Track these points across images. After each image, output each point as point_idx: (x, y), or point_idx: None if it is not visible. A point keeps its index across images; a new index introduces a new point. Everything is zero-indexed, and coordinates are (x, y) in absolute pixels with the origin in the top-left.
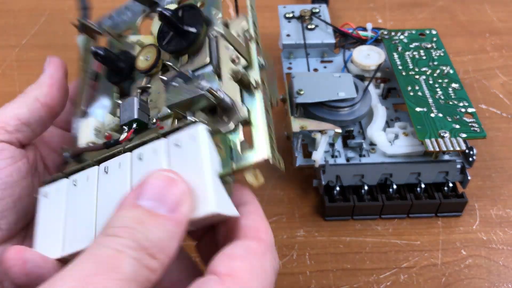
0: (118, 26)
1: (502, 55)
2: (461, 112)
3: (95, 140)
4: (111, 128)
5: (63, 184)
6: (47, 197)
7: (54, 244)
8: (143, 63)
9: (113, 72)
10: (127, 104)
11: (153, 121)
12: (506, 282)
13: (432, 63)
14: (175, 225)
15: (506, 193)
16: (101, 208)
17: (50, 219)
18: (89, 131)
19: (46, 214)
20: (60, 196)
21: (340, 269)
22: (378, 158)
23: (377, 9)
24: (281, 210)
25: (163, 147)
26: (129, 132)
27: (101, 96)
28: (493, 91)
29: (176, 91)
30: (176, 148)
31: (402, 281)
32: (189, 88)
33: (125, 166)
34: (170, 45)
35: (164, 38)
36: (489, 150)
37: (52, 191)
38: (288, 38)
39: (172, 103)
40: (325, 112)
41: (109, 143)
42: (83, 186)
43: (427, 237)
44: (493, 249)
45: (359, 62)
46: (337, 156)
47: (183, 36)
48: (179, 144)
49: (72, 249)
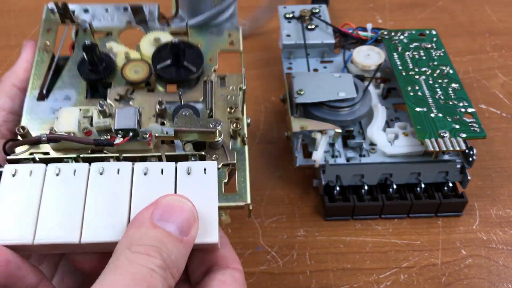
0: (96, 25)
1: (502, 55)
2: (461, 112)
3: (75, 131)
4: (98, 126)
5: (39, 169)
6: (15, 175)
7: (20, 228)
8: (132, 74)
9: (91, 69)
10: (127, 112)
11: (146, 135)
12: (506, 282)
13: (432, 63)
14: (186, 247)
15: (506, 193)
16: (90, 207)
17: (15, 200)
18: (72, 121)
19: (10, 194)
20: (35, 181)
21: (340, 268)
22: (378, 158)
23: (377, 9)
24: (281, 210)
25: (172, 171)
26: (124, 139)
27: (64, 85)
28: (493, 91)
29: (186, 120)
30: (186, 175)
31: (402, 281)
32: (202, 122)
33: (125, 175)
34: (165, 72)
35: (159, 62)
36: (489, 150)
37: (23, 172)
38: (288, 38)
39: (180, 129)
40: (325, 112)
41: (99, 142)
42: (69, 179)
43: (427, 237)
44: (493, 249)
45: (359, 62)
46: (337, 156)
47: (180, 69)
48: (190, 173)
49: (48, 240)
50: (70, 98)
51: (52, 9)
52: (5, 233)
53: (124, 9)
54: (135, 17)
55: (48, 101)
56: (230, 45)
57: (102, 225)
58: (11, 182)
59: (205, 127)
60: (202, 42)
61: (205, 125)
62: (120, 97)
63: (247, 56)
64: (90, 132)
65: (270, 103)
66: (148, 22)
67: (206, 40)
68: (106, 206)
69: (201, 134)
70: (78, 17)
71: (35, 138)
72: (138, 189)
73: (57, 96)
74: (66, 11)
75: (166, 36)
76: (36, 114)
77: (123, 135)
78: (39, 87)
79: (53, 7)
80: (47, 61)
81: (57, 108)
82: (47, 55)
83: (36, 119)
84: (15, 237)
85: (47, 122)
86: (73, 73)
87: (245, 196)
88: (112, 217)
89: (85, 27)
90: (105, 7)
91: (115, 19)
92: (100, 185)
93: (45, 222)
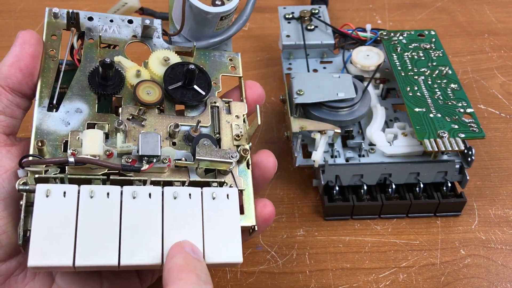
0: (103, 35)
1: (501, 55)
2: (460, 112)
3: (100, 154)
4: (122, 150)
5: (73, 190)
6: (49, 196)
7: (60, 249)
8: (145, 96)
9: (103, 84)
10: (151, 138)
11: (166, 160)
12: (504, 282)
13: (431, 64)
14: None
15: (504, 193)
16: (126, 230)
17: (52, 221)
18: (97, 143)
19: (46, 215)
20: (70, 202)
21: (339, 268)
22: (377, 158)
23: (376, 10)
24: (281, 210)
25: (198, 195)
26: (150, 165)
27: (74, 96)
28: (491, 91)
29: (207, 150)
30: (211, 199)
31: (401, 280)
32: (221, 153)
33: (156, 198)
34: (176, 93)
35: (171, 83)
36: (488, 150)
37: (57, 193)
38: (288, 38)
39: (202, 158)
40: (325, 112)
41: (127, 167)
42: (103, 201)
43: (426, 237)
44: (491, 248)
45: (359, 62)
46: (336, 156)
47: (189, 91)
48: (215, 197)
49: (88, 262)
50: (82, 111)
51: (56, 13)
52: (47, 255)
53: (128, 21)
54: (143, 32)
55: (59, 112)
56: (232, 69)
57: (139, 248)
58: (46, 203)
59: (224, 157)
60: (206, 65)
61: (224, 156)
62: (132, 117)
63: (247, 56)
64: (112, 154)
65: (269, 103)
66: (152, 38)
67: (209, 63)
68: (140, 229)
69: (219, 163)
70: (84, 25)
71: (62, 160)
72: (169, 213)
73: (68, 108)
74: (76, 20)
75: (174, 56)
76: (47, 126)
77: (148, 161)
78: (48, 97)
79: (56, 11)
80: (54, 68)
81: (68, 121)
82: (54, 62)
83: (47, 132)
84: (57, 259)
85: (60, 135)
86: (82, 84)
87: (251, 217)
88: (147, 240)
89: (92, 37)
90: (110, 17)
91: (121, 31)
92: (133, 209)
93: (84, 244)
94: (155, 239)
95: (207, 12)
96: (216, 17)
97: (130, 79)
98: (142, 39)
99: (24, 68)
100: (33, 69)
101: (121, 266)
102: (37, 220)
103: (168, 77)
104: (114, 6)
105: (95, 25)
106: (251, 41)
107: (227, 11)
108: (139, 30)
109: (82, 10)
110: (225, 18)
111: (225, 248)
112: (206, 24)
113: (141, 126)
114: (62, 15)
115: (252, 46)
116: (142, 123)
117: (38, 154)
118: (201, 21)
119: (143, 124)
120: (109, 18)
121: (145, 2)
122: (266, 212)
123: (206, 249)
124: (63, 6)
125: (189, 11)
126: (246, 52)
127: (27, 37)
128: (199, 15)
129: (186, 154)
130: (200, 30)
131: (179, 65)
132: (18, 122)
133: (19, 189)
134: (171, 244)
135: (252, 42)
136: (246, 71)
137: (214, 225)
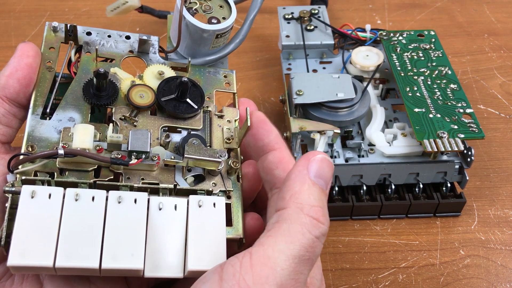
0: (100, 49)
1: (500, 55)
2: (459, 113)
3: (90, 148)
4: (112, 140)
5: (58, 192)
6: (34, 197)
7: (41, 250)
8: (137, 99)
9: (97, 94)
10: (141, 135)
11: (155, 158)
12: (504, 282)
13: (431, 64)
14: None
15: (504, 193)
16: (109, 234)
17: (35, 222)
18: (87, 137)
19: (29, 215)
20: (54, 204)
21: (339, 268)
22: (377, 158)
23: (376, 10)
24: None
25: (184, 205)
26: (138, 160)
27: (67, 105)
28: (491, 91)
29: (196, 149)
30: (197, 208)
31: (401, 280)
32: (209, 152)
33: (141, 205)
34: (168, 105)
35: (164, 95)
36: (487, 151)
37: (42, 194)
38: (288, 39)
39: (191, 157)
40: (324, 112)
41: (115, 161)
42: (88, 205)
43: (426, 237)
44: (491, 249)
45: (358, 63)
46: (336, 157)
47: (182, 104)
48: (201, 205)
49: (69, 263)
50: (74, 120)
51: (55, 27)
52: (27, 254)
53: (126, 37)
54: (139, 47)
55: (52, 120)
56: (226, 85)
57: (121, 251)
58: (30, 204)
59: (212, 156)
60: (200, 80)
61: (212, 155)
62: (124, 118)
63: (247, 56)
64: (102, 149)
65: (269, 103)
66: (149, 53)
67: (204, 79)
68: (124, 233)
69: (208, 162)
70: (81, 39)
71: (52, 152)
72: (154, 220)
73: (61, 116)
74: (74, 33)
75: (168, 71)
76: (39, 133)
77: (137, 157)
78: (42, 106)
79: (55, 25)
80: (50, 79)
81: (60, 129)
82: (50, 73)
83: (39, 139)
84: (37, 259)
85: (51, 142)
86: (77, 95)
87: (240, 230)
88: (130, 244)
89: (89, 50)
90: (108, 33)
91: (118, 46)
92: (118, 214)
93: (66, 246)
94: (138, 245)
95: (203, 30)
96: (212, 35)
97: (124, 90)
98: (138, 54)
99: (22, 78)
100: (31, 80)
101: (103, 269)
102: (20, 220)
103: (162, 89)
104: (114, 4)
105: (93, 40)
106: (251, 41)
107: (223, 29)
108: (136, 45)
109: (82, 9)
110: (221, 36)
111: (209, 255)
112: (202, 42)
113: (133, 126)
114: (61, 29)
115: (251, 46)
116: (134, 124)
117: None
118: (197, 39)
119: (135, 125)
120: (107, 33)
121: (145, 1)
122: (254, 225)
123: (189, 256)
124: (63, 6)
125: (186, 28)
126: (246, 52)
127: (25, 49)
128: (195, 32)
129: (176, 156)
130: (196, 48)
131: (174, 78)
132: (14, 132)
133: (5, 191)
134: (154, 251)
135: (251, 42)
136: (245, 71)
137: (199, 233)
